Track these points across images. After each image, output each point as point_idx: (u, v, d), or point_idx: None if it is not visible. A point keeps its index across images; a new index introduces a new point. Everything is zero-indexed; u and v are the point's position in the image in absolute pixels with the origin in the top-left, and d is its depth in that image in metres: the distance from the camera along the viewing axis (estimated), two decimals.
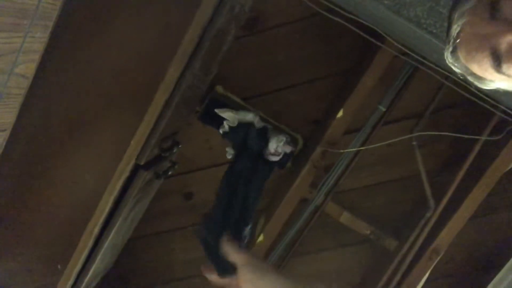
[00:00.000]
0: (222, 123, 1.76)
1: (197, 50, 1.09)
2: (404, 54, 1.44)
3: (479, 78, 0.67)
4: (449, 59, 0.69)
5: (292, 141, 1.83)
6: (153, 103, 1.09)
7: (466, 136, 1.43)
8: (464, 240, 1.83)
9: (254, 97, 1.84)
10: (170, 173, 1.32)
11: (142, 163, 1.12)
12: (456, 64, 0.69)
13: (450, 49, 0.67)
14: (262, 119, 1.77)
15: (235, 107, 1.79)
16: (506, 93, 1.13)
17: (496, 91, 0.83)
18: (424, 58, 1.41)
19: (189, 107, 1.39)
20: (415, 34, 1.23)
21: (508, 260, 1.77)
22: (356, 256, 1.96)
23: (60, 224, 1.20)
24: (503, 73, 0.61)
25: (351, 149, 1.57)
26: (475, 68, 0.65)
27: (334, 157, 1.72)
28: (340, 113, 1.50)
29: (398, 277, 1.74)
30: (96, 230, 1.17)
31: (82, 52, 1.06)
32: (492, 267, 1.84)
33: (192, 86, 1.22)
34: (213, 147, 1.90)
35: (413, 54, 1.34)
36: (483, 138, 1.45)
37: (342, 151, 1.56)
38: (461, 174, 1.56)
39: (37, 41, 0.84)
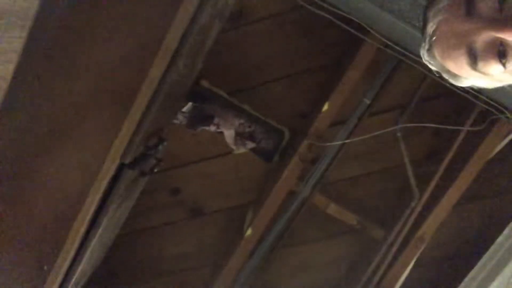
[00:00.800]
0: (212, 120, 1.77)
1: (181, 46, 1.07)
2: (388, 46, 1.45)
3: (455, 76, 0.67)
4: (425, 57, 0.69)
5: (278, 134, 1.84)
6: (137, 101, 1.08)
7: (449, 127, 1.45)
8: (448, 227, 1.87)
9: (240, 91, 1.84)
10: (156, 170, 1.32)
11: (127, 161, 1.11)
12: (432, 62, 0.68)
13: (426, 47, 0.66)
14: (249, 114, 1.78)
15: (220, 102, 1.79)
16: None
17: None
18: (407, 50, 1.42)
19: (174, 103, 1.39)
20: (399, 27, 1.24)
21: (491, 244, 1.81)
22: (343, 246, 1.99)
23: (45, 225, 1.18)
24: (479, 71, 0.61)
25: (336, 142, 1.58)
26: (451, 66, 0.64)
27: (321, 149, 1.74)
28: (326, 107, 1.51)
29: (385, 265, 1.77)
30: (82, 230, 1.16)
31: (65, 51, 1.04)
32: (476, 252, 1.88)
33: (176, 82, 1.21)
34: (201, 142, 1.89)
35: (396, 47, 1.34)
36: (466, 128, 1.47)
37: (328, 144, 1.57)
38: (445, 163, 1.59)
39: (14, 41, 0.82)
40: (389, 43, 1.30)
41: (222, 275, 1.77)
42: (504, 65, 0.57)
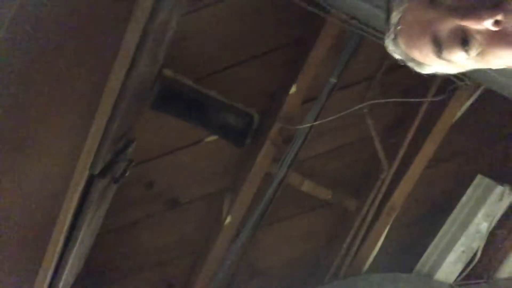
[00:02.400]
0: (177, 106, 1.73)
1: (140, 47, 1.03)
2: (349, 23, 1.44)
3: (419, 64, 0.68)
4: (390, 47, 0.69)
5: (248, 118, 1.83)
6: (99, 109, 1.03)
7: (413, 100, 1.49)
8: (416, 191, 1.94)
9: (205, 77, 1.80)
10: (127, 174, 1.29)
11: (96, 172, 1.08)
12: (397, 51, 0.69)
13: (392, 36, 0.66)
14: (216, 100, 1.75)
15: (185, 90, 1.75)
16: None
17: None
18: (369, 26, 1.42)
19: (139, 101, 1.34)
20: (360, 5, 1.24)
21: (457, 202, 1.92)
22: (320, 219, 2.05)
23: (21, 242, 1.15)
24: (444, 59, 0.62)
25: (306, 125, 1.59)
26: (416, 54, 0.65)
27: (292, 129, 1.75)
28: (293, 89, 1.50)
29: (361, 234, 1.85)
30: (59, 246, 1.13)
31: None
32: (443, 212, 1.99)
33: (139, 83, 1.17)
34: (170, 133, 1.86)
35: (358, 25, 1.34)
36: (429, 99, 1.52)
37: (298, 127, 1.58)
38: (410, 134, 1.64)
39: None
40: (350, 21, 1.29)
41: (206, 263, 1.80)
42: (467, 52, 0.58)
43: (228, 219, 1.67)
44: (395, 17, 0.63)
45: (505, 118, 1.86)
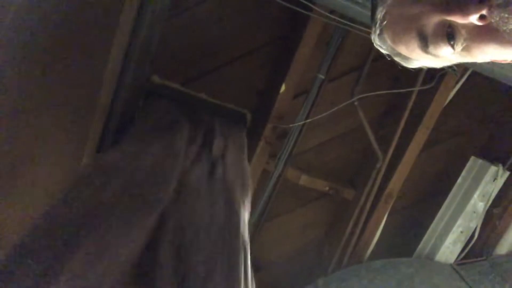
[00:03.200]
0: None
1: (126, 64, 1.03)
2: (332, 12, 1.43)
3: (406, 58, 0.68)
4: (376, 42, 0.69)
5: (241, 117, 1.84)
6: (92, 127, 1.05)
7: (402, 91, 1.50)
8: (411, 176, 1.97)
9: (194, 80, 1.79)
10: None
11: None
12: (383, 46, 0.68)
13: (377, 32, 0.66)
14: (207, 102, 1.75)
15: (174, 95, 1.74)
16: None
17: None
18: (353, 21, 1.42)
19: (130, 114, 1.34)
20: (342, 3, 1.24)
21: (453, 184, 1.95)
22: (319, 211, 2.07)
23: None
24: (430, 53, 0.62)
25: (299, 123, 1.60)
26: (403, 49, 0.65)
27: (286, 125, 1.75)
28: (283, 88, 1.51)
29: (361, 222, 1.88)
30: None
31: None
32: (440, 193, 2.02)
33: (128, 97, 1.17)
34: None
35: (342, 20, 1.34)
36: (417, 88, 1.53)
37: (291, 125, 1.59)
38: (402, 122, 1.65)
39: None
40: (334, 17, 1.29)
41: None
42: (453, 46, 0.59)
43: None
44: (380, 12, 0.63)
45: (493, 99, 1.88)
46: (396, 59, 0.70)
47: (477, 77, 1.60)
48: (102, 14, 0.94)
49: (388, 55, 0.71)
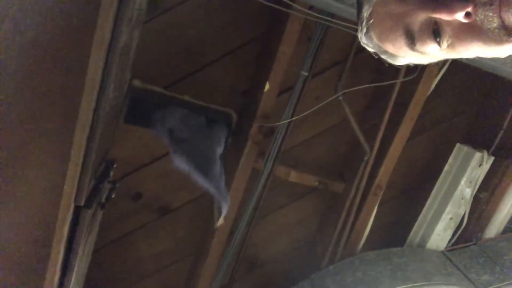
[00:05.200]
0: (150, 119, 1.70)
1: (106, 74, 1.01)
2: (311, 8, 1.42)
3: (393, 56, 0.68)
4: (363, 40, 0.69)
5: (226, 118, 1.83)
6: (75, 143, 1.02)
7: (385, 83, 1.51)
8: (399, 166, 1.99)
9: (176, 82, 1.78)
10: (113, 196, 1.28)
11: (82, 203, 1.07)
12: (370, 44, 0.68)
13: (364, 30, 0.66)
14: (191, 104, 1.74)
15: (156, 99, 1.72)
16: None
17: None
18: (333, 16, 1.42)
19: (113, 122, 1.32)
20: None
21: (440, 172, 1.97)
22: (310, 206, 2.08)
23: (15, 270, 1.15)
24: (417, 51, 0.62)
25: (285, 121, 1.60)
26: (390, 47, 0.65)
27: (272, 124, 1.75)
28: (267, 87, 1.50)
29: (352, 215, 1.89)
30: (56, 279, 1.13)
31: None
32: (427, 182, 2.05)
33: (111, 104, 1.15)
34: (148, 143, 1.84)
35: (322, 16, 1.34)
36: (400, 80, 1.54)
37: (277, 124, 1.59)
38: (387, 114, 1.66)
39: None
40: (314, 13, 1.28)
41: (205, 265, 1.82)
42: (439, 43, 0.59)
43: (221, 220, 1.68)
44: (366, 11, 0.63)
45: (473, 86, 1.90)
46: (383, 56, 0.71)
47: (457, 66, 1.62)
48: (77, 21, 0.92)
49: (375, 53, 0.71)
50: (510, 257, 1.90)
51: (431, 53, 0.62)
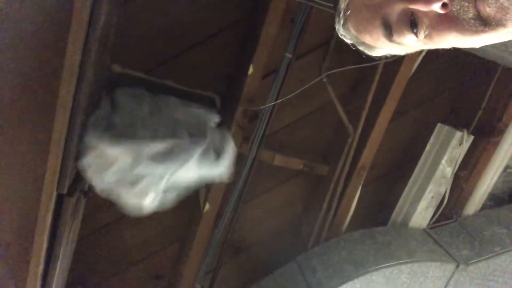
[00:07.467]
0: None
1: (85, 58, 0.98)
2: None
3: (370, 47, 0.69)
4: (340, 32, 0.69)
5: (210, 102, 1.81)
6: (55, 129, 1.00)
7: (368, 65, 1.51)
8: (382, 147, 2.02)
9: (158, 67, 1.74)
10: None
11: (64, 191, 1.05)
12: (347, 36, 0.69)
13: (341, 22, 0.66)
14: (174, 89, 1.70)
15: (137, 83, 1.68)
16: None
17: None
18: None
19: (94, 108, 1.29)
20: None
21: (422, 152, 2.01)
22: (296, 189, 2.10)
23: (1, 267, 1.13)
24: (394, 41, 0.62)
25: (269, 104, 1.59)
26: (367, 38, 0.65)
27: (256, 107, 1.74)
28: (251, 70, 1.48)
29: (336, 196, 1.91)
30: (41, 265, 1.12)
31: None
32: (409, 162, 2.08)
33: (91, 91, 1.12)
34: None
35: None
36: (383, 61, 1.54)
37: (261, 107, 1.58)
38: (370, 95, 1.67)
39: None
40: None
41: (192, 252, 1.82)
42: (416, 34, 0.59)
43: (207, 206, 1.68)
44: (343, 2, 0.63)
45: (452, 67, 1.93)
46: (360, 48, 0.71)
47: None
48: (54, 6, 0.89)
49: (352, 44, 0.71)
50: (489, 233, 1.97)
51: (408, 44, 0.62)
